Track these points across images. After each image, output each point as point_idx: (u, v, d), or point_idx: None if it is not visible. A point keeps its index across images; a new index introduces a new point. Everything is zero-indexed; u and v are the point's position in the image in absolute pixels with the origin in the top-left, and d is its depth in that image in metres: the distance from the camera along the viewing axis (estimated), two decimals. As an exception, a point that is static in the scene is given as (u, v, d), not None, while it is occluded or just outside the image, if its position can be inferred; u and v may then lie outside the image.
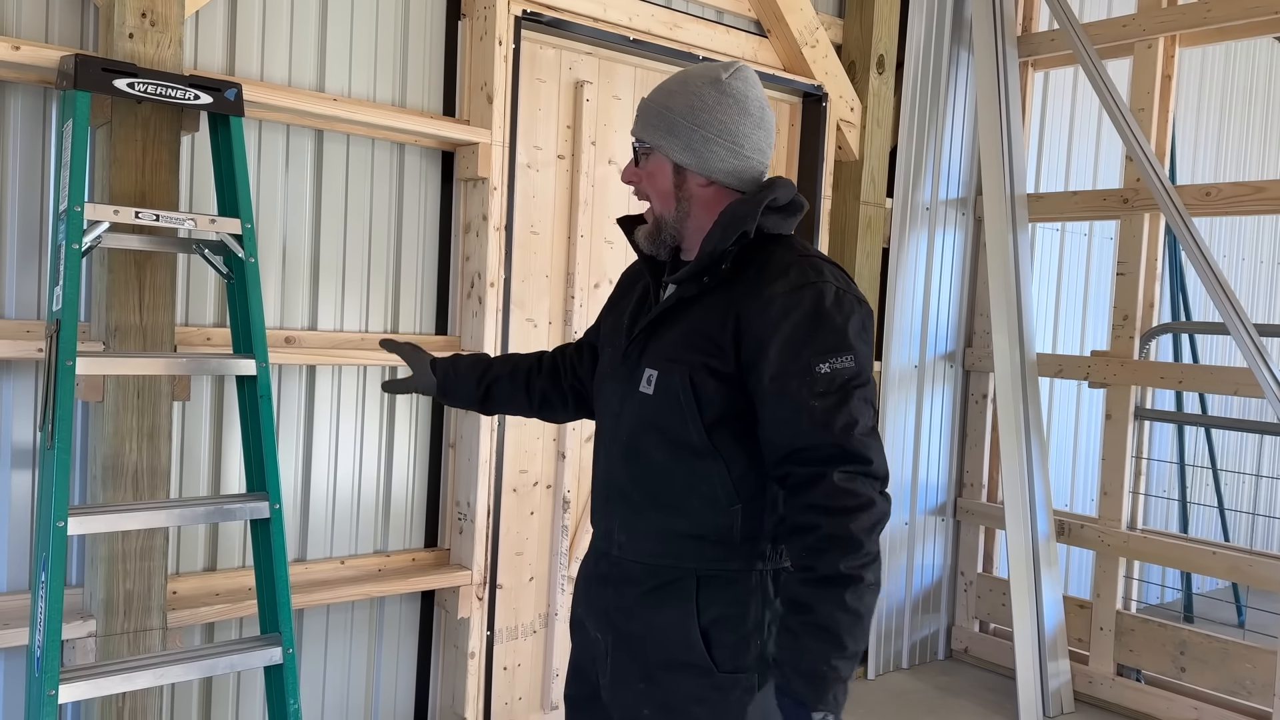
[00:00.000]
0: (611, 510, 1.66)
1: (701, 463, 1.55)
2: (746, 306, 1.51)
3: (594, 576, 1.69)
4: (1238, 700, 3.37)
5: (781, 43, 3.47)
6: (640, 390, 1.59)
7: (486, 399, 1.93)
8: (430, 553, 2.90)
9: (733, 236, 1.53)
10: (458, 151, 2.86)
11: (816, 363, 1.45)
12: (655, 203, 1.62)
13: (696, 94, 1.56)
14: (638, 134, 1.61)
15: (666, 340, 1.58)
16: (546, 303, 3.07)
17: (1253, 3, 3.31)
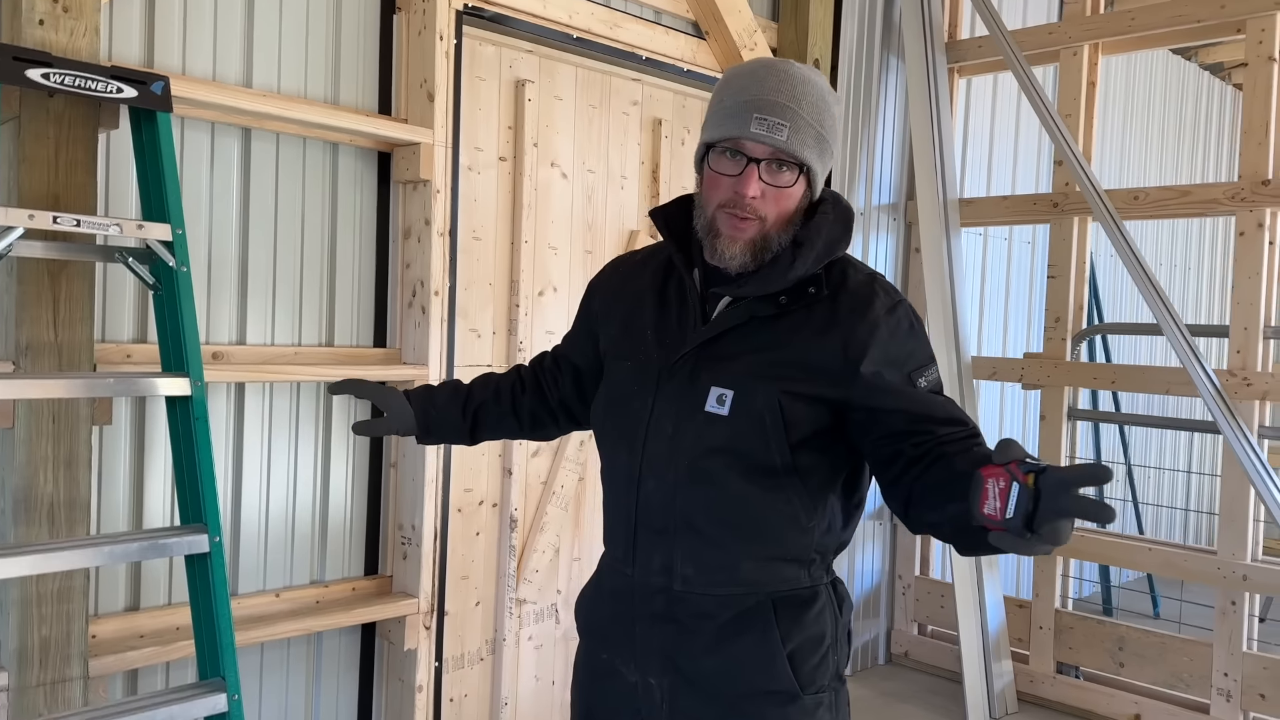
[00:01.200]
0: (670, 542, 1.49)
1: (778, 481, 1.45)
2: (853, 332, 1.43)
3: (643, 616, 1.51)
4: (1176, 693, 3.43)
5: (720, 45, 3.41)
6: (708, 410, 1.45)
7: (475, 428, 1.76)
8: (371, 581, 2.72)
9: (825, 261, 1.45)
10: (396, 152, 2.69)
11: (918, 378, 1.44)
12: (773, 222, 1.43)
13: (836, 115, 1.47)
14: (795, 151, 1.40)
15: (740, 358, 1.46)
16: (490, 311, 2.92)
17: (1175, 12, 3.40)
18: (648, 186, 3.31)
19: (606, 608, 1.58)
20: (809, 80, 1.45)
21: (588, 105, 3.13)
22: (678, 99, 3.38)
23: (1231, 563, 3.25)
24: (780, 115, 1.39)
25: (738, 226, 1.43)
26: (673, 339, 1.51)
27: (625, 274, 1.66)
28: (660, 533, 1.50)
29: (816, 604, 1.49)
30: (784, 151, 1.39)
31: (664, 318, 1.54)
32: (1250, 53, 3.24)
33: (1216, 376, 3.17)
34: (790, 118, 1.39)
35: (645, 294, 1.58)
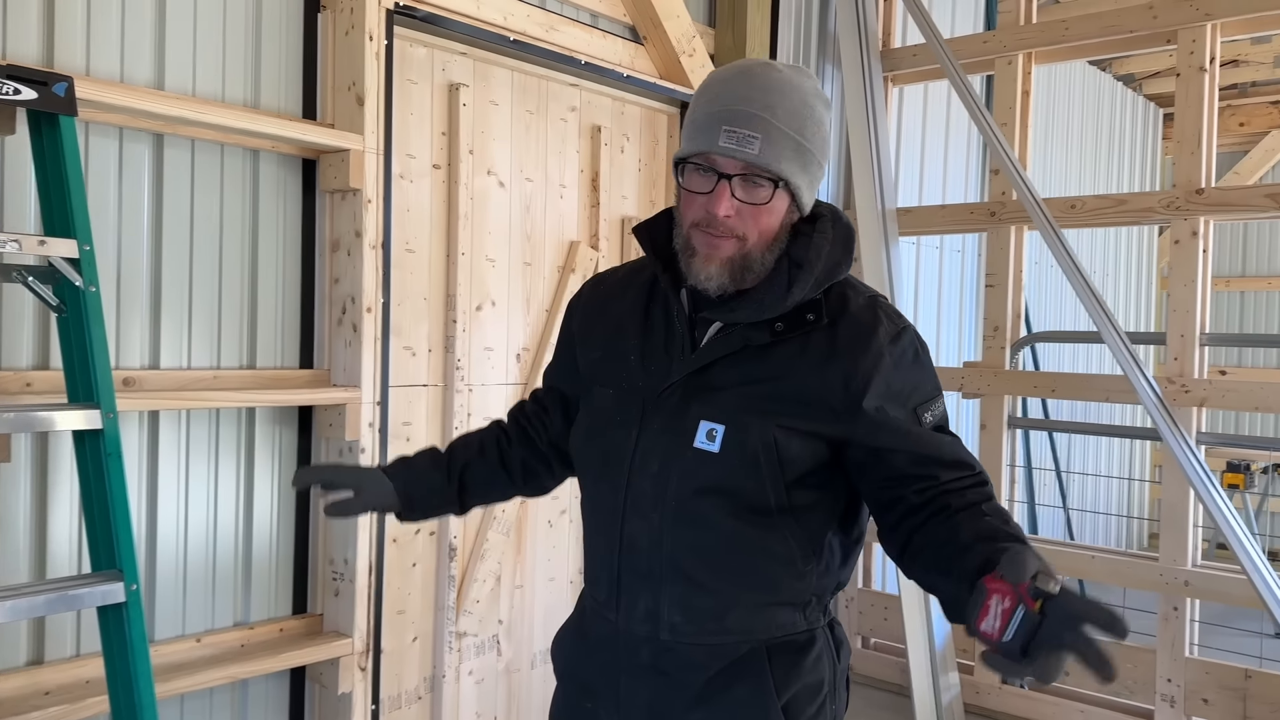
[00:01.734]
0: (656, 588, 1.37)
1: (772, 521, 1.33)
2: (856, 365, 1.32)
3: (629, 667, 1.40)
4: (1121, 700, 3.44)
5: (658, 50, 3.31)
6: (697, 447, 1.33)
7: (464, 492, 1.57)
8: (300, 620, 2.53)
9: (826, 284, 1.34)
10: (322, 159, 2.52)
11: (924, 412, 1.35)
12: (754, 240, 1.32)
13: (822, 122, 1.33)
14: (768, 165, 1.27)
15: (733, 390, 1.34)
16: (426, 328, 2.76)
17: (1108, 22, 3.42)
18: (588, 196, 3.19)
19: (591, 656, 1.46)
20: (788, 84, 1.32)
21: (525, 111, 3.00)
22: (616, 105, 3.27)
23: (1173, 569, 3.27)
24: (751, 126, 1.27)
25: (713, 244, 1.31)
26: (659, 366, 1.39)
27: (606, 292, 1.53)
28: (646, 577, 1.38)
29: (814, 649, 1.38)
30: (756, 166, 1.27)
31: (649, 342, 1.42)
32: (1182, 63, 3.27)
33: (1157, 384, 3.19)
34: (762, 129, 1.27)
35: (629, 315, 1.46)
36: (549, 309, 3.08)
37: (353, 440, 2.47)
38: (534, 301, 3.04)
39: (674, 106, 3.42)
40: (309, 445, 2.55)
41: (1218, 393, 3.20)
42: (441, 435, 2.80)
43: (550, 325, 3.05)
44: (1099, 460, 6.29)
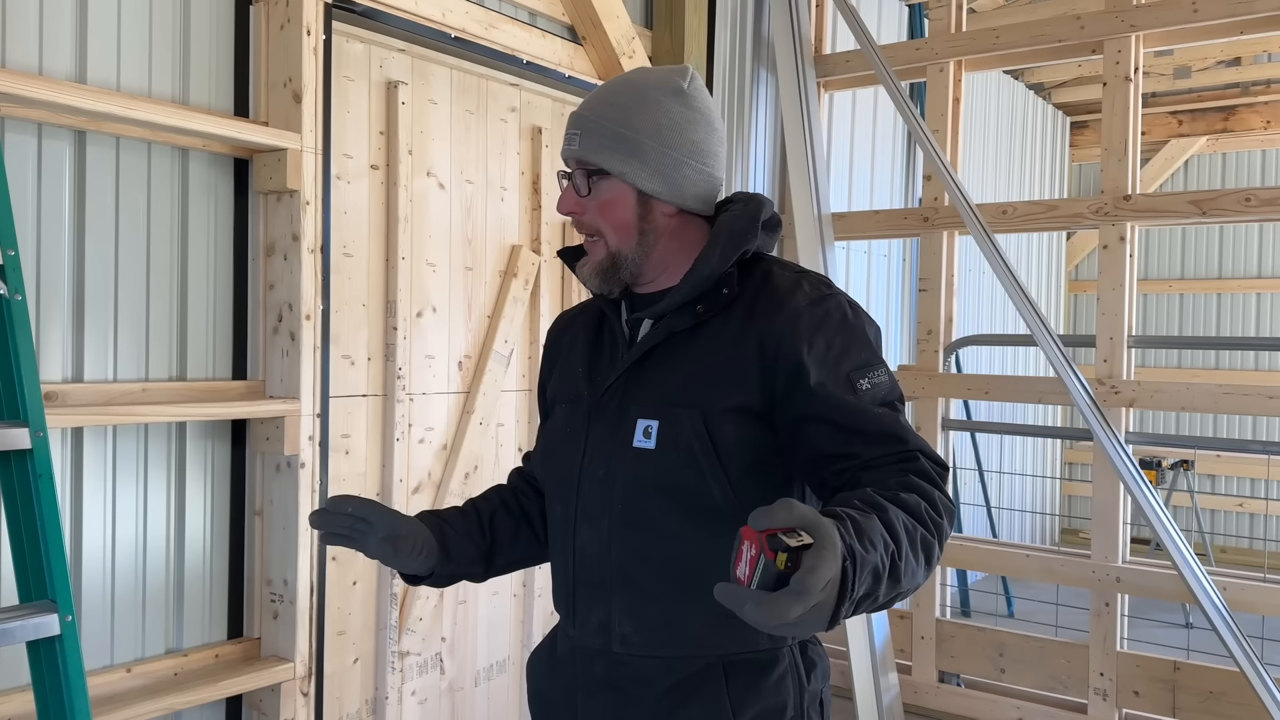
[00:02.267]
0: (607, 598, 1.35)
1: (725, 525, 1.28)
2: (770, 323, 1.29)
3: (584, 684, 1.37)
4: (1055, 695, 3.51)
5: (598, 51, 3.25)
6: (636, 446, 1.31)
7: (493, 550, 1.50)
8: (236, 645, 2.40)
9: (732, 256, 1.32)
10: (256, 159, 2.39)
11: (858, 379, 1.27)
12: (611, 237, 1.36)
13: (662, 110, 1.33)
14: (586, 157, 1.34)
15: (663, 383, 1.32)
16: (365, 335, 2.65)
17: (1037, 31, 3.50)
18: (529, 199, 3.11)
19: (555, 674, 1.44)
20: (623, 83, 1.38)
21: (464, 110, 2.91)
22: (556, 106, 3.20)
23: (1105, 566, 3.35)
24: (575, 125, 1.37)
25: (588, 247, 1.40)
26: (602, 373, 1.40)
27: (564, 323, 1.57)
28: (597, 587, 1.36)
29: (776, 669, 1.33)
30: (579, 160, 1.35)
31: (596, 355, 1.44)
32: (1108, 73, 3.36)
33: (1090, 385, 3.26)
34: (581, 125, 1.36)
35: (579, 336, 1.48)
36: (490, 315, 2.99)
37: (292, 455, 2.35)
38: (476, 307, 2.95)
39: (614, 109, 3.36)
40: (243, 460, 2.42)
41: (1146, 393, 3.30)
42: (382, 447, 2.69)
43: (493, 331, 2.97)
44: (1011, 459, 6.47)
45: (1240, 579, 3.12)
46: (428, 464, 2.83)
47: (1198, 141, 6.94)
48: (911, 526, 1.12)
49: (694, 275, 1.32)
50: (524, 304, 3.06)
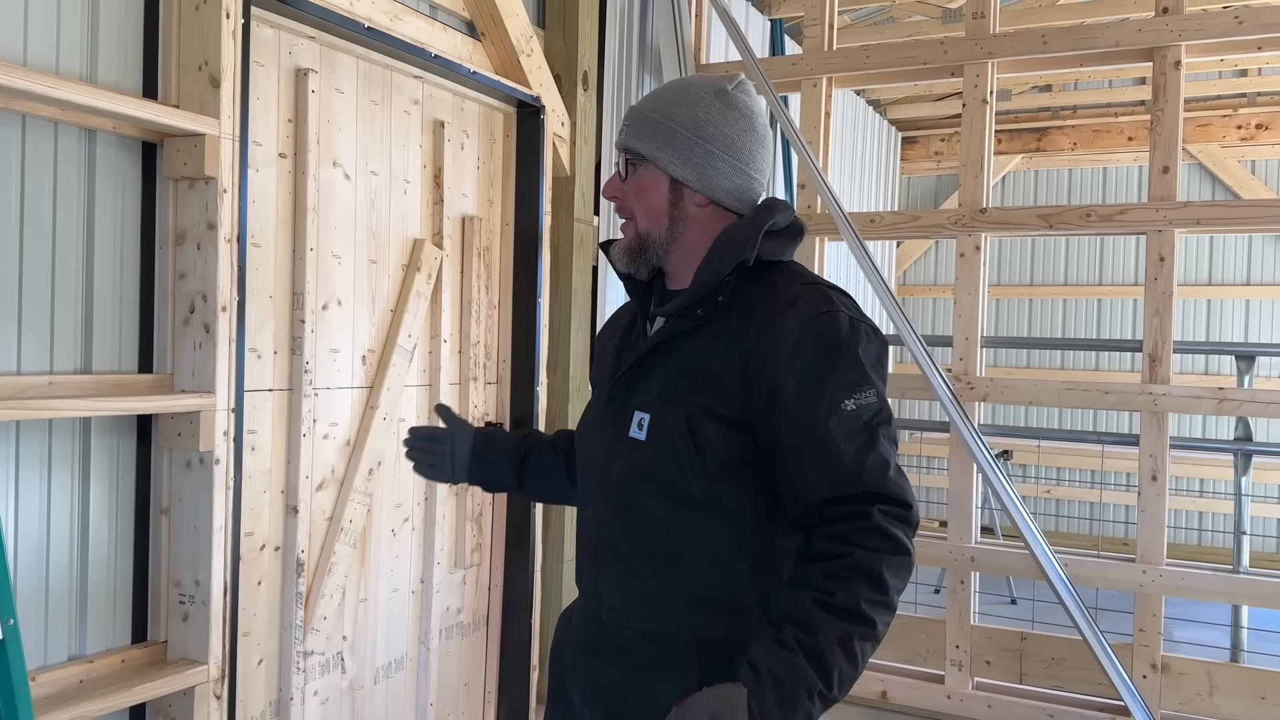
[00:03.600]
0: (602, 570, 1.47)
1: (703, 517, 1.38)
2: (757, 341, 1.36)
3: (582, 644, 1.49)
4: (916, 668, 3.80)
5: (497, 48, 3.27)
6: (630, 436, 1.41)
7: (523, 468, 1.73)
8: (142, 649, 2.29)
9: (730, 265, 1.40)
10: (166, 143, 2.29)
11: (841, 399, 1.32)
12: (642, 220, 1.45)
13: (700, 105, 1.43)
14: (629, 144, 1.45)
15: (659, 379, 1.41)
16: (271, 328, 2.58)
17: (904, 53, 3.77)
18: (431, 192, 3.10)
19: (566, 631, 1.58)
20: (674, 85, 1.51)
21: (370, 101, 2.87)
22: (457, 101, 3.20)
23: (961, 546, 3.66)
24: (626, 119, 1.49)
25: (622, 230, 1.51)
26: (622, 365, 1.50)
27: (617, 312, 1.66)
28: (594, 559, 1.50)
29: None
30: (625, 149, 1.47)
31: (623, 347, 1.53)
32: (967, 95, 3.66)
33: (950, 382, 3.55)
34: (631, 118, 1.48)
35: (619, 328, 1.58)
36: (394, 309, 2.97)
37: (206, 451, 2.27)
38: (379, 301, 2.92)
39: (511, 105, 3.40)
40: (149, 457, 2.31)
41: (997, 389, 3.62)
42: (288, 443, 2.63)
43: (396, 325, 2.95)
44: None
45: (1081, 556, 3.48)
46: (332, 460, 2.78)
47: (1014, 159, 7.58)
48: (846, 638, 1.24)
49: (695, 280, 1.42)
50: (426, 298, 3.05)
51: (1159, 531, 3.35)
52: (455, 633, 3.30)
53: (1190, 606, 4.32)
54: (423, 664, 3.15)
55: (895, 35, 5.73)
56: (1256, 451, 3.82)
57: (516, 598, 3.44)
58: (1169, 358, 3.33)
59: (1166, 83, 3.35)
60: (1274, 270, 6.97)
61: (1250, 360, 3.71)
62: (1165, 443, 3.34)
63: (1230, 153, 6.97)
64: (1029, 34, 3.56)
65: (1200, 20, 3.31)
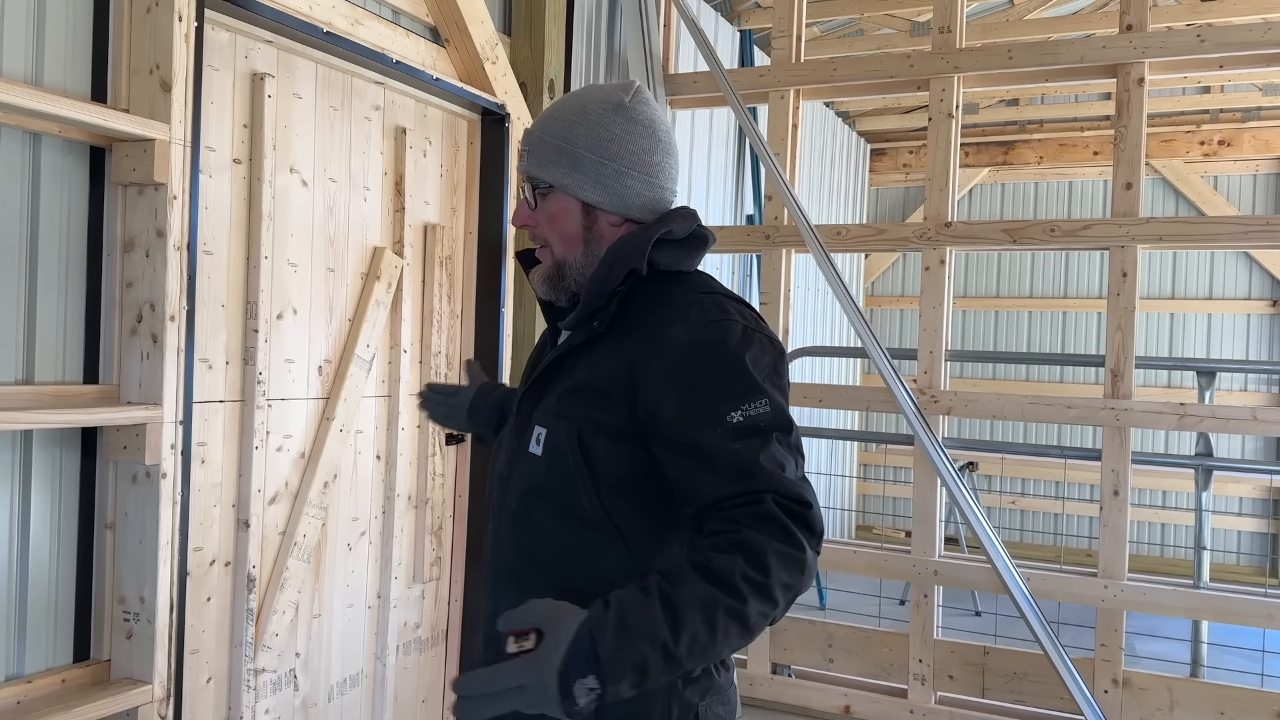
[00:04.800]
0: (499, 590, 1.43)
1: (596, 534, 1.34)
2: (642, 350, 1.32)
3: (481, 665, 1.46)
4: (879, 682, 3.79)
5: (461, 55, 3.23)
6: (530, 450, 1.39)
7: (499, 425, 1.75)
8: (83, 669, 2.22)
9: (620, 274, 1.36)
10: (115, 148, 2.23)
11: (727, 411, 1.25)
12: (557, 246, 1.42)
13: (601, 123, 1.39)
14: (532, 172, 1.42)
15: (555, 393, 1.39)
16: (224, 338, 2.52)
17: (871, 66, 3.77)
18: (391, 200, 3.05)
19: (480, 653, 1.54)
20: (568, 100, 1.46)
21: (329, 107, 2.82)
22: (419, 107, 3.16)
23: (924, 560, 3.65)
24: (524, 143, 1.46)
25: (539, 255, 1.48)
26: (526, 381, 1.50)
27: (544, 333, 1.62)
28: (494, 579, 1.46)
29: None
30: (528, 176, 1.43)
31: (537, 361, 1.53)
32: (933, 109, 3.67)
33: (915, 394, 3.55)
34: (529, 141, 1.45)
35: (546, 339, 1.57)
36: (351, 318, 2.91)
37: (153, 464, 2.21)
38: (337, 310, 2.87)
39: (476, 113, 3.36)
40: (93, 470, 2.25)
41: (961, 402, 3.62)
42: (239, 456, 2.57)
43: (354, 335, 2.89)
44: (810, 460, 6.86)
45: (1043, 570, 3.48)
46: (285, 473, 2.72)
47: (981, 172, 7.62)
48: (710, 602, 1.13)
49: (587, 293, 1.39)
50: (386, 307, 3.00)
51: (1120, 546, 3.36)
52: (413, 648, 3.24)
53: (1151, 620, 4.34)
54: (379, 680, 3.08)
55: (864, 48, 5.75)
56: (1217, 467, 3.84)
57: (476, 613, 3.39)
58: (1131, 373, 3.35)
59: (1130, 99, 3.37)
60: (1235, 285, 7.06)
61: (1211, 376, 3.73)
62: (1127, 457, 3.35)
63: (1194, 168, 7.05)
64: (995, 49, 3.57)
65: (1163, 38, 3.33)
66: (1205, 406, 3.27)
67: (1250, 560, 6.87)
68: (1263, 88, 6.44)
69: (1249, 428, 3.36)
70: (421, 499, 3.21)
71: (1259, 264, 6.95)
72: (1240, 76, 6.24)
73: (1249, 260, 6.99)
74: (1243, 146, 6.80)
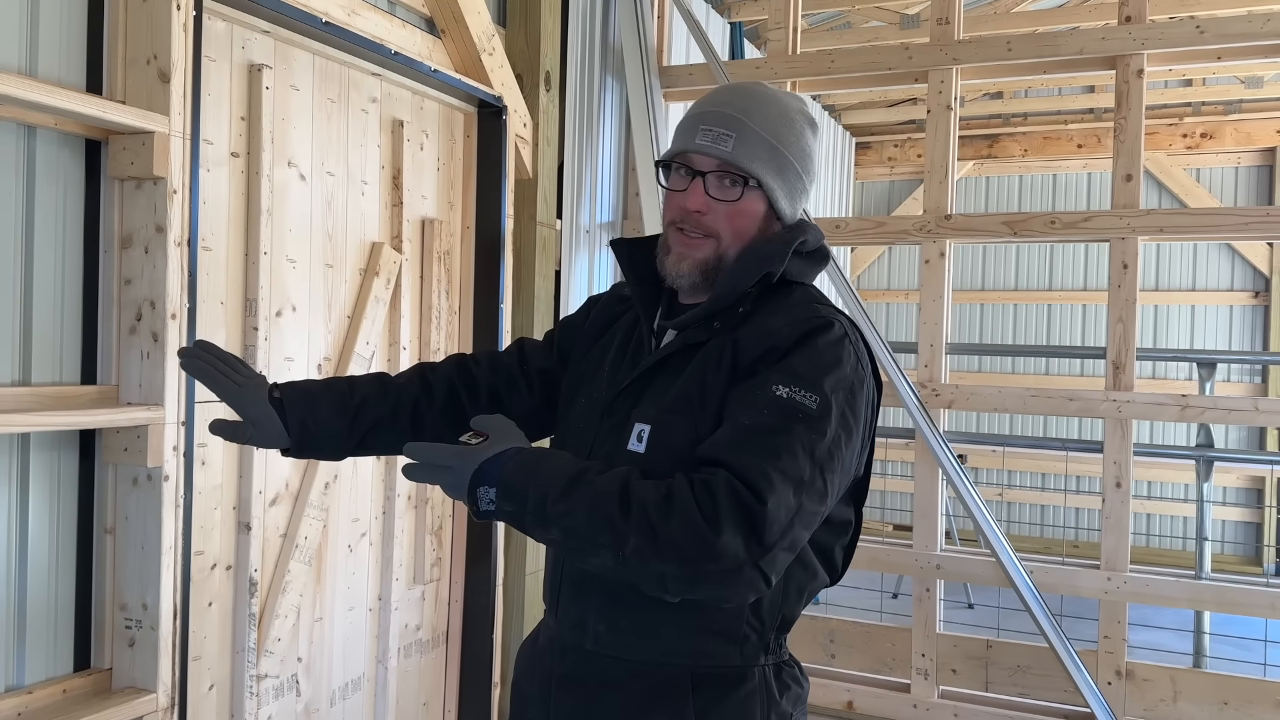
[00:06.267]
0: (585, 595, 1.35)
1: None
2: (742, 339, 1.31)
3: (559, 676, 1.37)
4: (882, 677, 3.77)
5: (457, 46, 3.17)
6: (629, 449, 1.31)
7: (360, 447, 1.52)
8: (85, 678, 2.15)
9: (755, 276, 1.33)
10: (112, 141, 2.16)
11: (775, 384, 1.22)
12: (727, 240, 1.34)
13: (804, 134, 1.37)
14: (743, 163, 1.32)
15: (664, 390, 1.33)
16: (223, 336, 2.45)
17: (869, 59, 3.75)
18: (389, 194, 2.99)
19: (535, 664, 1.45)
20: (771, 96, 1.38)
21: (326, 99, 2.76)
22: (416, 99, 3.10)
23: (926, 554, 3.64)
24: (726, 126, 1.33)
25: (688, 244, 1.35)
26: (623, 375, 1.41)
27: (622, 304, 1.53)
28: (579, 584, 1.38)
29: (745, 686, 1.33)
30: (729, 164, 1.32)
31: (621, 356, 1.44)
32: (931, 101, 3.65)
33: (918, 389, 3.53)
34: (737, 128, 1.33)
35: (621, 330, 1.48)
36: (350, 315, 2.85)
37: (155, 467, 2.14)
38: (336, 307, 2.80)
39: (473, 105, 3.30)
40: (92, 473, 2.18)
41: (963, 396, 3.61)
42: (240, 457, 2.50)
43: (354, 332, 2.83)
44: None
45: (1046, 563, 3.47)
46: (286, 474, 2.66)
47: (967, 165, 7.63)
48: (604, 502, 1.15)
49: (718, 291, 1.34)
50: (385, 304, 2.94)
51: (1123, 538, 3.36)
52: (414, 650, 3.19)
53: (1147, 610, 4.36)
54: (381, 684, 3.03)
55: (853, 41, 5.73)
56: (1218, 458, 3.86)
57: (477, 613, 3.34)
58: (1132, 364, 3.35)
59: (1129, 91, 3.37)
60: (1219, 277, 7.11)
61: (1211, 368, 3.75)
62: (1129, 449, 3.35)
63: (1176, 161, 7.09)
64: (994, 40, 3.55)
65: (1162, 29, 3.33)
66: (1207, 398, 3.27)
67: (1235, 549, 6.94)
68: (1245, 80, 6.48)
69: (1251, 418, 3.37)
70: (421, 499, 3.16)
71: (1241, 256, 7.00)
72: (1238, 69, 6.27)
73: (1231, 252, 7.05)
74: (1225, 139, 6.84)
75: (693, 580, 1.15)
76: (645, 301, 1.42)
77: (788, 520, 1.16)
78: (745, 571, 1.14)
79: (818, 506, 1.21)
